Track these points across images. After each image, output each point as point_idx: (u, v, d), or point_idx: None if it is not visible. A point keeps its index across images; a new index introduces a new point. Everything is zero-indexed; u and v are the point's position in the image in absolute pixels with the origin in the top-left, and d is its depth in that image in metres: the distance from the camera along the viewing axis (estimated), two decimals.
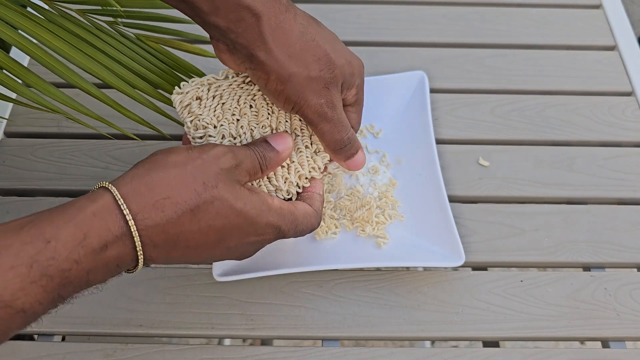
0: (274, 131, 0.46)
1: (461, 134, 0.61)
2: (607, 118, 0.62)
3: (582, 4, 0.72)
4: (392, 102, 0.60)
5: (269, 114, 0.46)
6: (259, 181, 0.43)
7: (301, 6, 0.69)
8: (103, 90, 0.48)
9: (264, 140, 0.43)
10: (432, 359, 0.47)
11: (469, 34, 0.69)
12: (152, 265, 0.52)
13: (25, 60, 0.63)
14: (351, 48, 0.67)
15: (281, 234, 0.41)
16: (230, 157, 0.39)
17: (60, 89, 0.45)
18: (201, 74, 0.56)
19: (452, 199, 0.56)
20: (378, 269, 0.52)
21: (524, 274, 0.52)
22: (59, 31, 0.46)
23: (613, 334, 0.49)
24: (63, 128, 0.60)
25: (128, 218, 0.34)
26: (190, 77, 0.56)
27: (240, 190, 0.39)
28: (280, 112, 0.46)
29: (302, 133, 0.46)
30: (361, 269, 0.52)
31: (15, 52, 0.65)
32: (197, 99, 0.46)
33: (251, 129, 0.45)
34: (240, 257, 0.42)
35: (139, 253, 0.35)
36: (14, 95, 0.60)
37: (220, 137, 0.45)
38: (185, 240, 0.37)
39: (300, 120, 0.47)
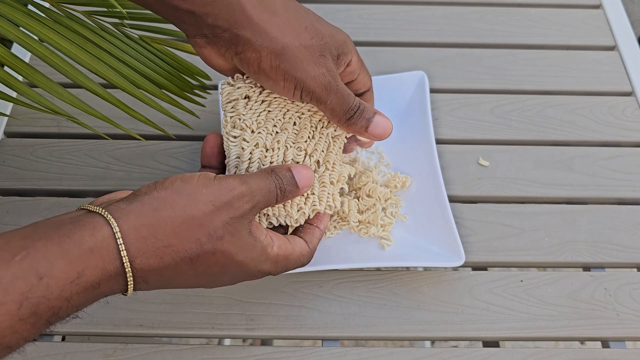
0: (308, 157, 0.44)
1: (461, 134, 0.61)
2: (607, 118, 0.62)
3: (582, 4, 0.72)
4: (392, 102, 0.60)
5: (309, 137, 0.44)
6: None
7: None
8: (108, 90, 0.48)
9: (288, 170, 0.41)
10: (432, 359, 0.47)
11: (469, 34, 0.69)
12: None
13: (26, 57, 0.63)
14: None
15: (272, 274, 0.41)
16: (246, 202, 0.37)
17: (66, 89, 0.46)
18: (204, 75, 0.56)
19: (452, 199, 0.56)
20: (378, 269, 0.52)
21: (524, 274, 0.52)
22: (65, 32, 0.46)
23: (613, 334, 0.49)
24: (63, 128, 0.60)
25: (125, 261, 0.33)
26: (194, 78, 0.56)
27: (244, 242, 0.37)
28: (321, 139, 0.45)
29: (334, 168, 0.45)
30: (361, 269, 0.52)
31: (17, 51, 0.65)
32: (245, 97, 0.44)
33: (286, 147, 0.44)
34: (226, 285, 0.42)
35: (129, 289, 0.35)
36: (14, 95, 0.60)
37: (254, 144, 0.43)
38: (178, 280, 0.37)
39: (336, 154, 0.45)
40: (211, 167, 0.45)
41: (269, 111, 0.45)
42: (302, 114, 0.45)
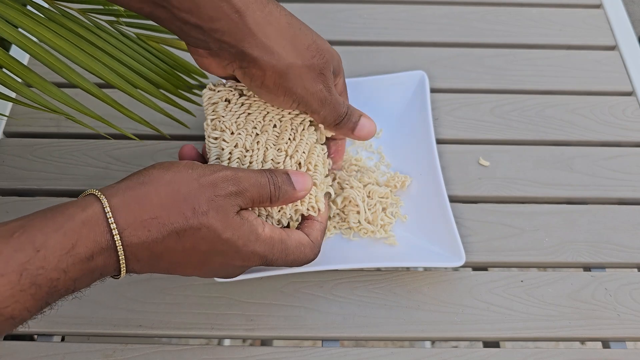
0: (289, 158, 0.45)
1: (461, 134, 0.60)
2: (607, 118, 0.62)
3: (582, 4, 0.72)
4: (392, 102, 0.60)
5: (289, 139, 0.45)
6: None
7: (301, 6, 0.70)
8: (103, 90, 0.48)
9: (285, 173, 0.42)
10: (432, 359, 0.47)
11: (469, 34, 0.69)
12: None
13: (25, 59, 0.63)
14: (351, 48, 0.67)
15: (268, 262, 0.41)
16: (231, 184, 0.38)
17: (61, 89, 0.45)
18: (201, 74, 0.56)
19: (452, 199, 0.56)
20: (378, 269, 0.52)
21: (524, 274, 0.52)
22: (60, 30, 0.46)
23: (613, 334, 0.49)
24: (63, 128, 0.60)
25: (114, 233, 0.35)
26: (191, 76, 0.56)
27: (231, 219, 0.38)
28: (302, 140, 0.45)
29: (316, 170, 0.46)
30: (361, 269, 0.52)
31: (14, 51, 0.65)
32: (225, 101, 0.46)
33: (266, 147, 0.44)
34: (225, 277, 0.42)
35: (122, 265, 0.36)
36: (13, 95, 0.60)
37: (234, 145, 0.44)
38: (168, 257, 0.37)
39: (318, 156, 0.46)
40: None
41: (248, 113, 0.46)
42: (283, 116, 0.46)
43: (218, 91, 0.46)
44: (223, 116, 0.45)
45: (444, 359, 0.47)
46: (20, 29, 0.44)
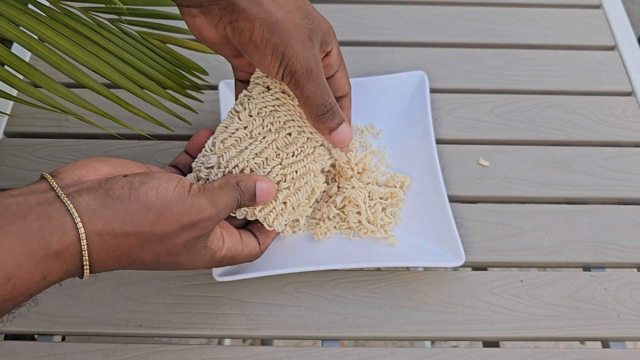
0: (279, 167, 0.45)
1: (461, 134, 0.61)
2: (607, 118, 0.62)
3: (582, 4, 0.72)
4: (392, 102, 0.60)
5: (293, 153, 0.45)
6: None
7: None
8: (107, 88, 0.48)
9: (253, 184, 0.42)
10: (432, 359, 0.47)
11: (469, 34, 0.69)
12: None
13: (26, 58, 0.63)
14: (351, 48, 0.67)
15: (217, 267, 0.44)
16: (211, 224, 0.39)
17: (66, 87, 0.45)
18: (202, 71, 0.56)
19: (452, 199, 0.56)
20: (378, 269, 0.52)
21: (524, 274, 0.52)
22: (63, 29, 0.46)
23: (613, 334, 0.49)
24: (63, 128, 0.60)
25: (85, 269, 0.35)
26: (192, 74, 0.56)
27: (197, 253, 0.40)
28: (302, 162, 0.46)
29: (296, 193, 0.45)
30: (361, 269, 0.52)
31: (16, 49, 0.65)
32: (266, 87, 0.46)
33: (267, 146, 0.45)
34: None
35: (84, 277, 0.36)
36: (14, 93, 0.60)
37: (244, 126, 0.45)
38: (129, 269, 0.39)
39: (307, 183, 0.46)
40: (193, 157, 0.47)
41: (276, 110, 0.46)
42: (303, 131, 0.46)
43: (266, 76, 0.46)
44: (254, 97, 0.46)
45: (443, 358, 0.47)
46: (22, 28, 0.44)
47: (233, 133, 0.45)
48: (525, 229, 0.54)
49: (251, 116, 0.45)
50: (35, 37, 0.45)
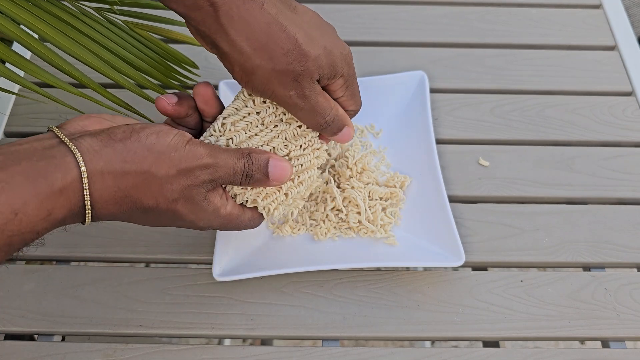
0: (287, 158, 0.44)
1: (461, 134, 0.61)
2: (607, 118, 0.62)
3: (582, 4, 0.72)
4: (392, 102, 0.60)
5: (301, 146, 0.45)
6: None
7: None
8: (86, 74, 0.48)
9: (266, 158, 0.42)
10: (432, 359, 0.47)
11: (469, 34, 0.69)
12: (152, 265, 0.52)
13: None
14: (351, 48, 0.67)
15: (221, 229, 0.45)
16: (207, 173, 0.39)
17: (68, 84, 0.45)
18: (191, 63, 0.56)
19: (452, 199, 0.56)
20: (378, 269, 0.52)
21: (524, 274, 0.52)
22: (42, 14, 0.45)
23: (613, 334, 0.49)
24: None
25: (87, 206, 0.36)
26: (182, 66, 0.55)
27: (197, 206, 0.40)
28: (308, 156, 0.45)
29: (299, 185, 0.45)
30: (361, 269, 0.52)
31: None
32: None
33: (278, 135, 0.44)
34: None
35: (86, 222, 0.37)
36: (16, 89, 0.60)
37: (256, 111, 0.44)
38: (130, 219, 0.40)
39: (310, 177, 0.46)
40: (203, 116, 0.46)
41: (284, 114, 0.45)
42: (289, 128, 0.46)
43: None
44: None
45: (443, 358, 0.47)
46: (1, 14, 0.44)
47: (244, 117, 0.44)
48: (525, 229, 0.54)
49: (264, 102, 0.45)
50: (14, 21, 0.44)
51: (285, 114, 0.45)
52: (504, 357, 0.48)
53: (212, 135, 0.44)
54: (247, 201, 0.44)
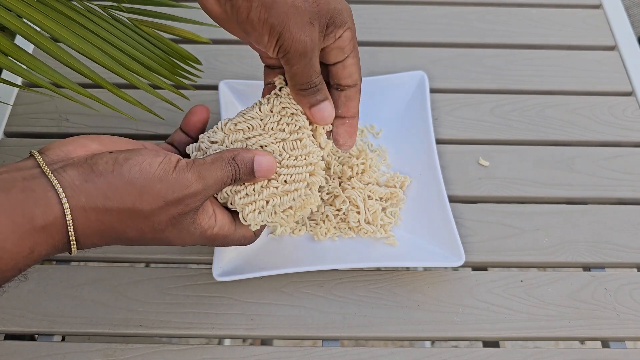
0: (277, 164, 0.44)
1: (461, 134, 0.61)
2: (607, 118, 0.62)
3: (582, 4, 0.72)
4: (392, 102, 0.60)
5: (296, 157, 0.44)
6: None
7: None
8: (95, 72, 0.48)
9: (250, 158, 0.41)
10: (432, 359, 0.47)
11: (469, 34, 0.69)
12: (152, 265, 0.52)
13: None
14: None
15: (211, 246, 0.43)
16: (197, 200, 0.38)
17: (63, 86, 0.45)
18: (195, 59, 0.56)
19: (452, 199, 0.56)
20: (378, 269, 0.52)
21: (524, 274, 0.52)
22: (50, 12, 0.45)
23: (613, 334, 0.49)
24: (63, 128, 0.60)
25: (72, 240, 0.35)
26: (186, 62, 0.55)
27: (185, 230, 0.39)
28: (300, 168, 0.44)
29: (283, 195, 0.44)
30: (361, 269, 0.52)
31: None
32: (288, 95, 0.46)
33: (273, 142, 0.44)
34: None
35: (72, 252, 0.36)
36: (19, 81, 0.60)
37: (260, 118, 0.44)
38: (117, 244, 0.38)
39: (296, 190, 0.44)
40: (188, 134, 0.46)
41: (298, 114, 0.45)
42: (313, 142, 0.46)
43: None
44: (281, 97, 0.45)
45: (443, 358, 0.47)
46: (3, 7, 0.44)
47: (247, 120, 0.44)
48: (525, 229, 0.54)
49: (271, 112, 0.45)
50: (21, 18, 0.44)
51: (288, 125, 0.44)
52: (504, 357, 0.48)
53: (214, 130, 0.44)
54: (227, 199, 0.43)
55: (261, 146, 0.44)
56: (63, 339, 0.49)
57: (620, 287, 0.51)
